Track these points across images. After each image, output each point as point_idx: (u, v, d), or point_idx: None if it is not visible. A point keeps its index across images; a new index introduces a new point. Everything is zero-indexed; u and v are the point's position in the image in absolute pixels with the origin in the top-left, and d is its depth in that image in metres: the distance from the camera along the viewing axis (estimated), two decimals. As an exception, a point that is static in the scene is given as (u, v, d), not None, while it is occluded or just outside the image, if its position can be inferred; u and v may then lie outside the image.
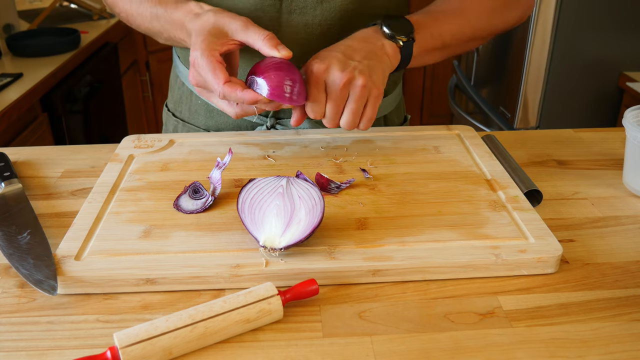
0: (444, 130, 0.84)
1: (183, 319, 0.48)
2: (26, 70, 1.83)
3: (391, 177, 0.72)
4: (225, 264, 0.55)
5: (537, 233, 0.59)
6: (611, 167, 0.77)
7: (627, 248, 0.61)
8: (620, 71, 1.90)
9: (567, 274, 0.57)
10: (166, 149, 0.79)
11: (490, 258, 0.56)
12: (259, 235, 0.57)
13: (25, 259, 0.56)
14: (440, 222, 0.62)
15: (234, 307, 0.49)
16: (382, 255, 0.56)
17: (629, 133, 0.69)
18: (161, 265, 0.55)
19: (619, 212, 0.68)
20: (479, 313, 0.52)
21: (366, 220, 0.63)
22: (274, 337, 0.50)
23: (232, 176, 0.72)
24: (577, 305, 0.53)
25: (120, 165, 0.74)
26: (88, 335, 0.50)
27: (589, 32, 1.83)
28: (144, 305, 0.53)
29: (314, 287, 0.53)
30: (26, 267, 0.55)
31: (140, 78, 2.75)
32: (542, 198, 0.69)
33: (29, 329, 0.51)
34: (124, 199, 0.67)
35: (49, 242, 0.59)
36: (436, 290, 0.55)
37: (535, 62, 1.87)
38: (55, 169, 0.77)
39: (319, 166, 0.75)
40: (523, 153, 0.82)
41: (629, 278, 0.57)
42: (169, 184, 0.70)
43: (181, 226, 0.62)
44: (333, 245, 0.58)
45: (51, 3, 2.40)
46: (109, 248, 0.58)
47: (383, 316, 0.52)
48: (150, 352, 0.46)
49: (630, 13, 1.81)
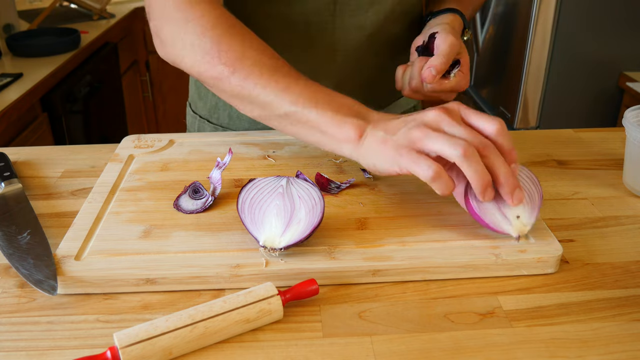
0: (444, 130, 0.84)
1: (183, 319, 0.48)
2: (26, 70, 1.83)
3: (391, 177, 0.72)
4: (225, 264, 0.55)
5: (537, 233, 0.59)
6: (611, 167, 0.77)
7: (627, 248, 0.61)
8: (620, 71, 1.90)
9: (567, 274, 0.57)
10: (166, 149, 0.79)
11: (490, 258, 0.56)
12: (259, 235, 0.57)
13: (25, 259, 0.56)
14: (440, 222, 0.62)
15: (234, 307, 0.49)
16: (382, 255, 0.56)
17: (629, 133, 0.69)
18: (161, 265, 0.55)
19: (619, 212, 0.68)
20: (479, 313, 0.52)
21: (366, 220, 0.63)
22: (274, 337, 0.50)
23: (232, 176, 0.72)
24: (577, 305, 0.53)
25: (120, 165, 0.74)
26: (88, 335, 0.50)
27: (589, 32, 1.83)
28: (144, 305, 0.53)
29: (314, 287, 0.53)
30: (26, 267, 0.55)
31: (140, 78, 2.75)
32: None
33: (29, 329, 0.51)
34: (124, 199, 0.67)
35: (49, 242, 0.59)
36: (436, 290, 0.55)
37: (535, 62, 1.87)
38: (55, 169, 0.77)
39: (319, 166, 0.75)
40: (523, 153, 0.82)
41: (629, 278, 0.57)
42: (169, 184, 0.70)
43: (181, 226, 0.62)
44: (333, 245, 0.58)
45: (51, 3, 2.40)
46: (109, 248, 0.58)
47: (383, 316, 0.52)
48: (150, 352, 0.46)
49: (630, 13, 1.81)
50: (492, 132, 0.57)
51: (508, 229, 0.58)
